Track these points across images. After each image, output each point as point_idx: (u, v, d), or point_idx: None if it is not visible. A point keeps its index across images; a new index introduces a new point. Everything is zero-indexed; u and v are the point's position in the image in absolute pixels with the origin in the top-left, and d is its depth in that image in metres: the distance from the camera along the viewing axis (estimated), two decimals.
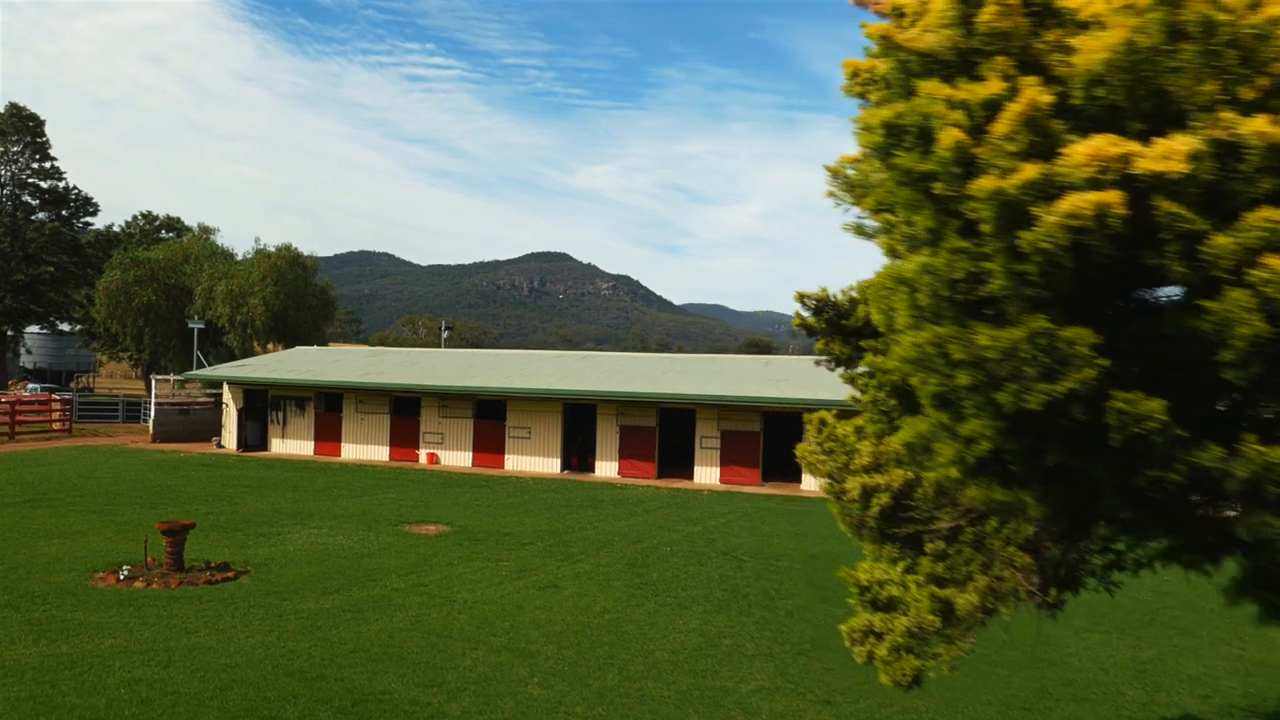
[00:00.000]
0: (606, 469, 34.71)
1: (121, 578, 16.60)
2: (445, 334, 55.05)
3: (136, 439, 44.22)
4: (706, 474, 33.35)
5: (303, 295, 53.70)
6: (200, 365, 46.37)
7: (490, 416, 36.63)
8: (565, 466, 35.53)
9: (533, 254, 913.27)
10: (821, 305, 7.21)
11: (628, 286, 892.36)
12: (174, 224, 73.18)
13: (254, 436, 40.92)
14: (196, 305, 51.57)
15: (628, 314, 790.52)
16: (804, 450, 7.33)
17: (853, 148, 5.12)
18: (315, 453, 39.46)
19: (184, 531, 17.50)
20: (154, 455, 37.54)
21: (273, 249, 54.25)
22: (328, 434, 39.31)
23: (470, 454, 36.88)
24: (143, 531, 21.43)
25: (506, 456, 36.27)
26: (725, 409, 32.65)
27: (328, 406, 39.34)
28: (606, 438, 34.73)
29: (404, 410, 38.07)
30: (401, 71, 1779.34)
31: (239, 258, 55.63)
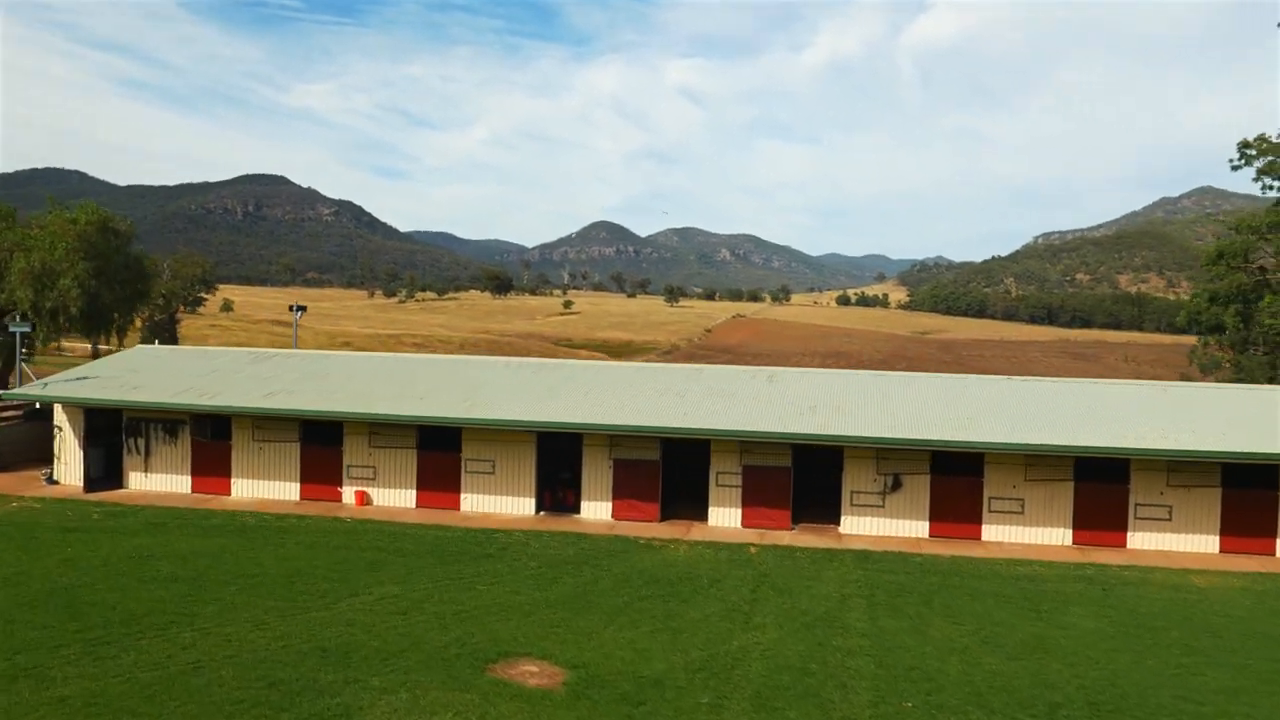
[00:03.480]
0: (597, 510, 28.95)
1: None
2: (299, 315, 45.74)
3: None
4: (725, 516, 28.38)
5: (115, 270, 42.97)
6: (24, 380, 35.54)
7: (439, 447, 29.75)
8: (540, 507, 29.45)
9: (246, 176, 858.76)
10: None
11: (351, 212, 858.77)
12: None
13: (100, 468, 31.77)
14: None
15: (352, 241, 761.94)
16: None
17: None
18: (193, 490, 31.02)
19: None
20: None
21: (72, 211, 42.87)
22: (211, 467, 30.92)
23: (413, 492, 29.93)
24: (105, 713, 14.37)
25: (463, 496, 29.65)
26: (751, 442, 27.73)
27: (213, 432, 30.89)
28: (596, 473, 28.92)
29: (320, 438, 30.37)
30: None
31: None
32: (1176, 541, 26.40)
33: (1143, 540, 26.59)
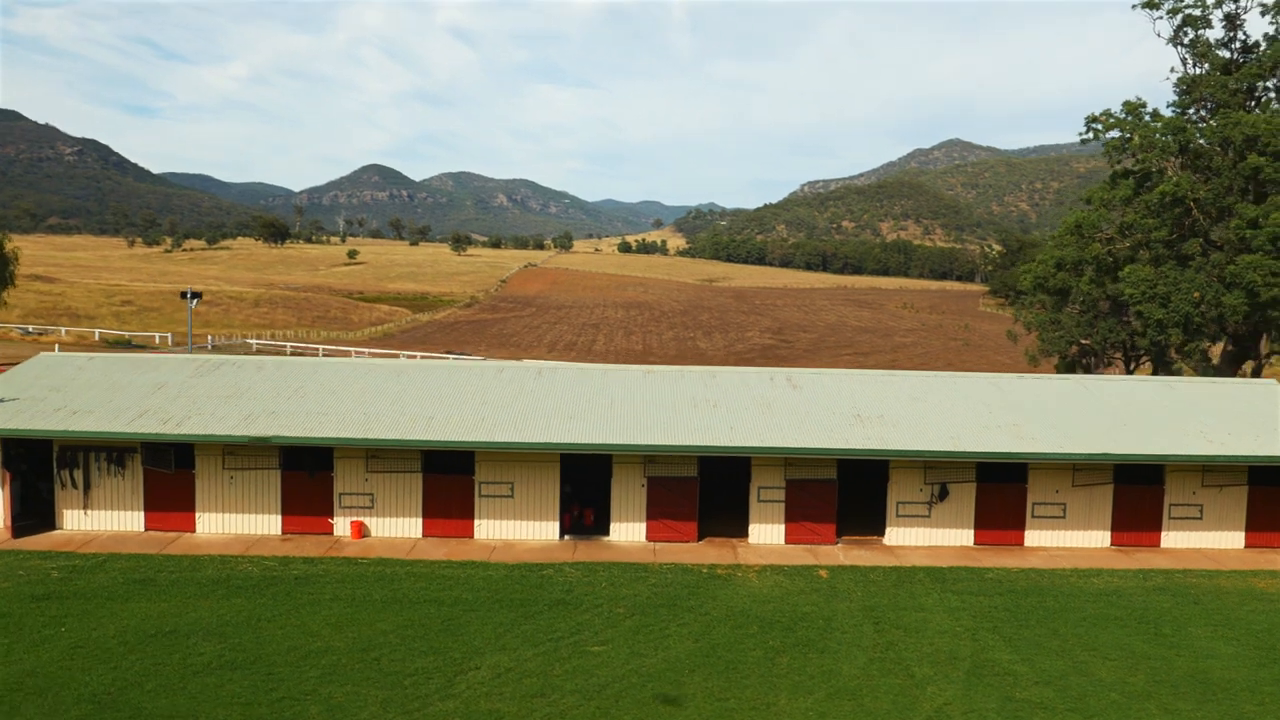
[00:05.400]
0: (629, 532, 26.93)
1: None
2: (194, 303, 40.11)
3: None
4: (767, 532, 27.03)
5: None
6: None
7: (449, 469, 26.76)
8: (563, 531, 27.10)
9: None
10: None
11: (97, 152, 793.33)
12: None
13: (17, 504, 26.76)
14: None
15: (99, 184, 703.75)
16: None
17: None
18: (148, 528, 26.70)
19: None
20: None
21: None
22: (169, 501, 26.61)
23: (419, 520, 26.87)
24: None
25: (477, 522, 26.87)
26: (797, 458, 26.39)
27: (176, 460, 26.44)
28: (628, 492, 26.83)
29: (304, 463, 26.65)
30: None
31: None
32: (1207, 539, 27.30)
33: (1175, 539, 27.32)
